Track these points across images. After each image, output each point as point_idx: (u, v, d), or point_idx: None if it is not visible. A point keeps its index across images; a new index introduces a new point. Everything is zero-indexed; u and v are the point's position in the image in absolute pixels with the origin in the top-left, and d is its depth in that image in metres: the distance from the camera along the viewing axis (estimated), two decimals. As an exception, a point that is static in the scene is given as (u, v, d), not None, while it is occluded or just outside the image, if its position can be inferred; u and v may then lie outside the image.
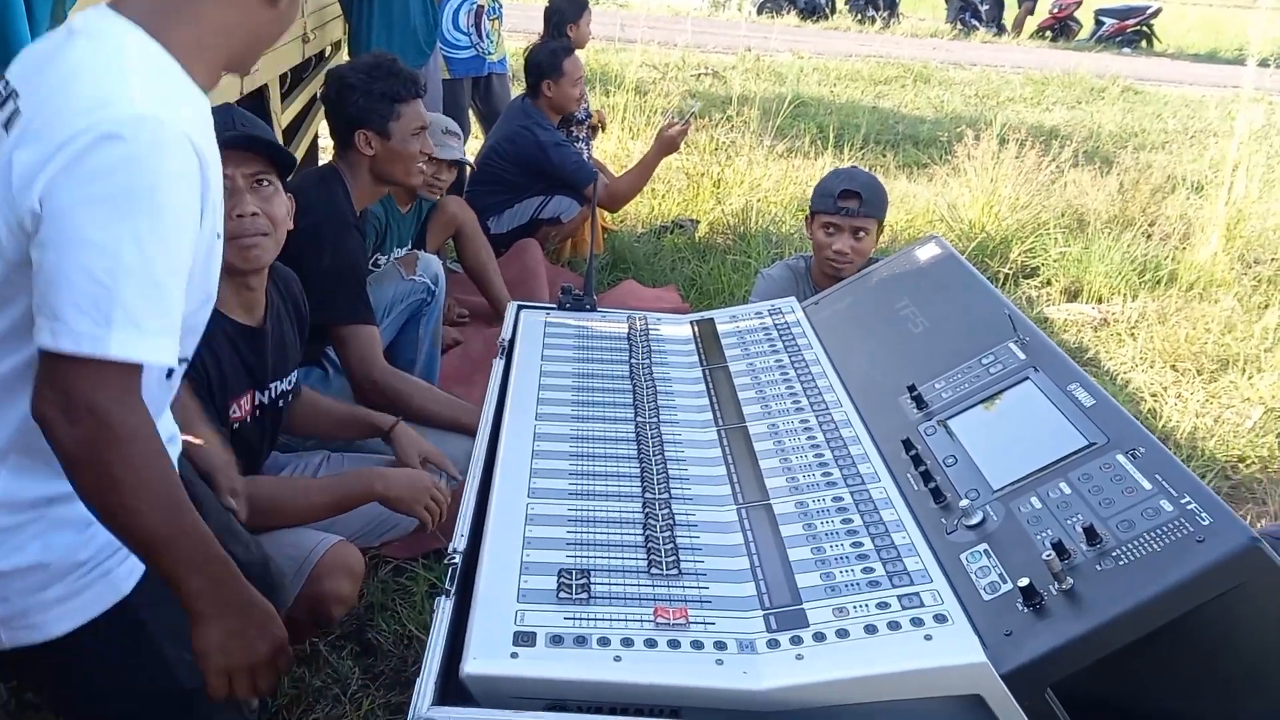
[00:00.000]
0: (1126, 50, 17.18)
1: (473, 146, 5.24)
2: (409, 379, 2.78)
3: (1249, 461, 3.61)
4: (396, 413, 2.49)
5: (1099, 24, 17.86)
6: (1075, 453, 1.47)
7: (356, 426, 2.48)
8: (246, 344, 2.07)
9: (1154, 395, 4.04)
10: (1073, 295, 5.09)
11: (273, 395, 2.19)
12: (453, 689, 1.23)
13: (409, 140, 2.81)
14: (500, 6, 5.20)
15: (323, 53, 4.36)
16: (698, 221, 5.52)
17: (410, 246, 3.52)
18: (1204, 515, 1.26)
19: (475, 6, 4.99)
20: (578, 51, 4.83)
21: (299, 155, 2.64)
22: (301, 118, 4.14)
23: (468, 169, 3.94)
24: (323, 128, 5.15)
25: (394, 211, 3.39)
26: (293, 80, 4.13)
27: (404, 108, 2.80)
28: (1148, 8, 17.76)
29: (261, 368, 2.11)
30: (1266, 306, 4.89)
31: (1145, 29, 17.81)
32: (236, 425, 2.10)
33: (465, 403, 2.76)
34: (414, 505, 2.14)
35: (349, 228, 2.73)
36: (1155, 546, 1.26)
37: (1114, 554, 1.28)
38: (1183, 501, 1.30)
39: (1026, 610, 1.26)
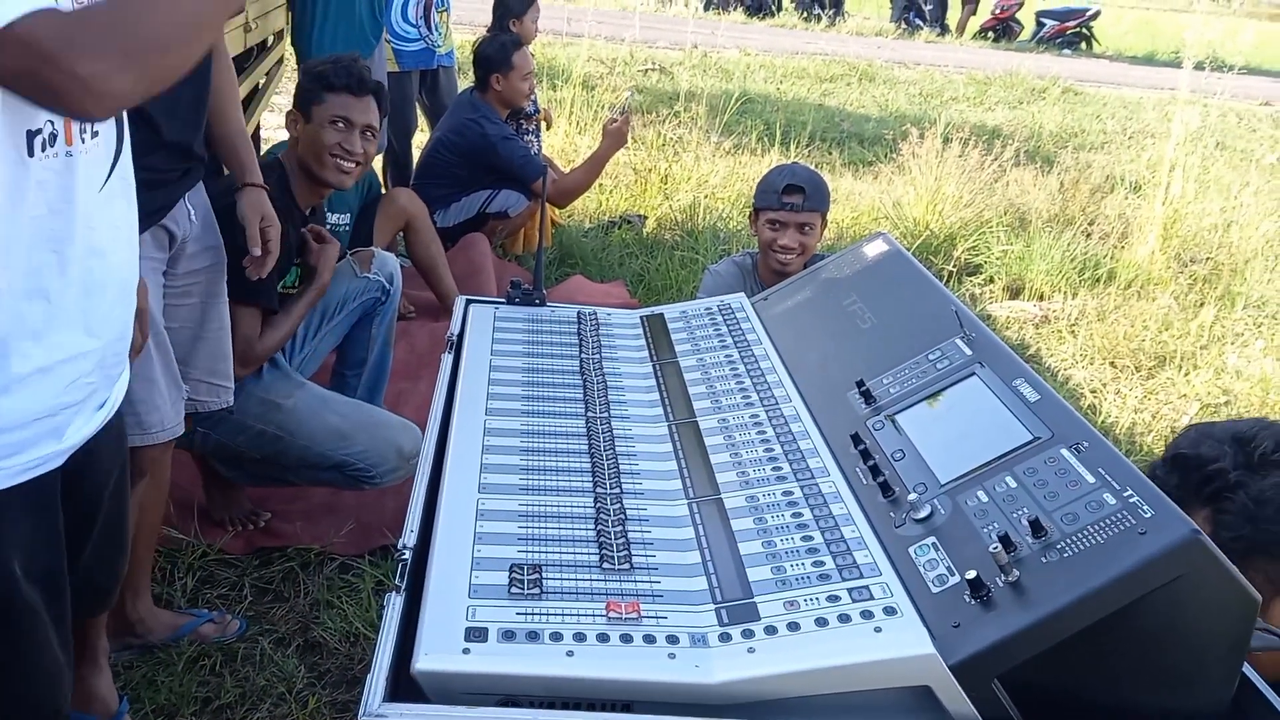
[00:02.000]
0: (1067, 51, 17.47)
1: (419, 140, 5.20)
2: None
3: (1185, 456, 3.69)
4: None
5: (1040, 25, 18.15)
6: (1021, 447, 1.49)
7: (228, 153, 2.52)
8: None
9: (1094, 391, 4.12)
10: (1014, 293, 5.17)
11: None
12: (403, 685, 1.22)
13: (325, 127, 2.75)
14: (448, -1, 5.16)
15: (265, 42, 4.29)
16: (645, 217, 5.52)
17: (349, 216, 3.47)
18: (1146, 508, 1.29)
19: (424, -2, 4.95)
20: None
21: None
22: (244, 106, 4.06)
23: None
24: (265, 119, 5.07)
25: None
26: (235, 69, 4.06)
27: (330, 95, 2.76)
28: (1087, 10, 18.09)
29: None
30: (1202, 305, 5.01)
31: (1085, 31, 18.14)
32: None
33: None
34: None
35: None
36: (1099, 539, 1.28)
37: (1059, 546, 1.29)
38: (1125, 495, 1.32)
39: (974, 602, 1.27)
